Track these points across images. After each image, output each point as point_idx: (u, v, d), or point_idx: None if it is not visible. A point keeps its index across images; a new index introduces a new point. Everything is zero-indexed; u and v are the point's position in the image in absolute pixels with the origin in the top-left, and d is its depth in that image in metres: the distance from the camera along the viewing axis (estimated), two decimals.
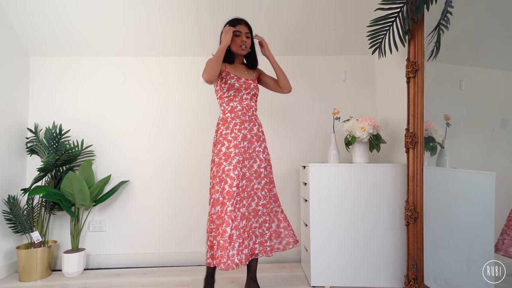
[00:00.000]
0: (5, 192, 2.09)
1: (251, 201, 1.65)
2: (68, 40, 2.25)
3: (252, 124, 1.71)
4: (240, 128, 1.66)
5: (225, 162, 1.60)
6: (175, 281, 1.96)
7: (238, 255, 1.51)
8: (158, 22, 2.19)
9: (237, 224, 1.55)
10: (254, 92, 1.74)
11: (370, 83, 2.44)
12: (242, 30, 1.69)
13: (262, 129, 1.77)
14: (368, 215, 1.82)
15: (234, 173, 1.58)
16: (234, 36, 1.69)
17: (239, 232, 1.55)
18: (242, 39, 1.69)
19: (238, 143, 1.63)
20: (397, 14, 1.70)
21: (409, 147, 1.65)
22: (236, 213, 1.56)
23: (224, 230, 1.51)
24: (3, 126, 2.09)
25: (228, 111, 1.69)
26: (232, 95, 1.70)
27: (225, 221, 1.52)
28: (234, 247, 1.51)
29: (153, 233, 2.30)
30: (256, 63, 1.82)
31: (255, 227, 1.65)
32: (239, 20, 1.72)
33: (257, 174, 1.68)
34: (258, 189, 1.67)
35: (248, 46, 1.72)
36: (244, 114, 1.69)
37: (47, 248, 2.07)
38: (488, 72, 1.30)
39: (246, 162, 1.65)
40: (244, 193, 1.62)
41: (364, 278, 1.81)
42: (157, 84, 2.39)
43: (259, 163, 1.69)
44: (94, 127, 2.34)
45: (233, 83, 1.68)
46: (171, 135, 2.37)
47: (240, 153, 1.62)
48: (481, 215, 1.26)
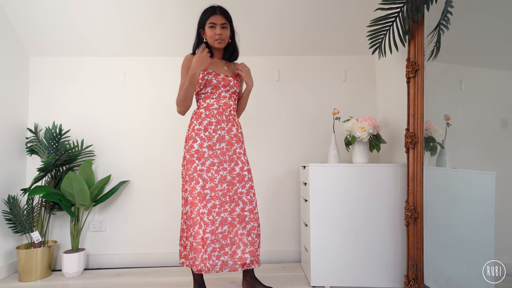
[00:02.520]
0: (5, 192, 2.09)
1: (234, 206, 1.54)
2: (68, 40, 2.25)
3: (230, 124, 1.59)
4: (216, 129, 1.55)
5: (198, 161, 1.50)
6: (175, 281, 1.96)
7: (210, 260, 1.44)
8: (157, 22, 2.19)
9: (213, 228, 1.46)
10: (234, 90, 1.61)
11: (370, 83, 2.44)
12: (217, 21, 1.52)
13: (241, 130, 1.66)
14: (368, 215, 1.82)
15: (208, 175, 1.49)
16: (208, 28, 1.55)
17: (215, 237, 1.46)
18: (217, 32, 1.53)
19: (213, 144, 1.53)
20: (397, 14, 1.70)
21: (409, 147, 1.65)
22: (214, 217, 1.48)
23: (197, 232, 1.43)
24: (3, 126, 2.09)
25: (203, 107, 1.58)
26: (209, 92, 1.57)
27: (197, 223, 1.44)
28: (207, 251, 1.43)
29: (153, 233, 2.30)
30: (235, 55, 1.67)
31: (242, 234, 1.53)
32: (214, 9, 1.54)
33: (240, 177, 1.56)
34: (242, 193, 1.56)
35: (226, 38, 1.57)
36: (221, 113, 1.57)
37: (47, 248, 2.07)
38: (488, 72, 1.30)
39: (225, 165, 1.55)
40: (226, 197, 1.52)
41: (364, 278, 1.81)
42: (157, 84, 2.39)
43: (242, 166, 1.58)
44: (94, 127, 2.34)
45: (211, 79, 1.55)
46: (171, 134, 2.36)
47: (215, 155, 1.53)
48: (481, 215, 1.26)
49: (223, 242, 1.48)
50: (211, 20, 1.54)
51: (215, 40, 1.56)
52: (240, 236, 1.52)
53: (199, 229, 1.43)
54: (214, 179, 1.51)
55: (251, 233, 1.56)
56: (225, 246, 1.49)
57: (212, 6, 1.56)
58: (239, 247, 1.51)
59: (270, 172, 2.37)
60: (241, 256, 1.51)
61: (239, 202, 1.55)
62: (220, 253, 1.47)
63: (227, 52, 1.66)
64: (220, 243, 1.47)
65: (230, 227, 1.52)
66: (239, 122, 1.68)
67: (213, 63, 1.63)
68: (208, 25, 1.55)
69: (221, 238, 1.48)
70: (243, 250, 1.52)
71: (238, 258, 1.50)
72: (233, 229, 1.52)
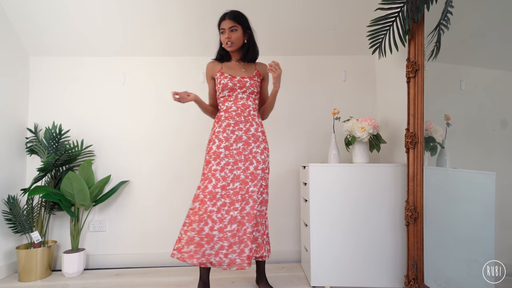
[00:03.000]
0: (5, 192, 2.09)
1: (245, 205, 1.57)
2: (68, 40, 2.25)
3: (248, 124, 1.65)
4: (234, 130, 1.62)
5: (214, 161, 1.57)
6: (175, 281, 1.96)
7: (216, 256, 1.48)
8: (158, 21, 2.19)
9: (222, 226, 1.50)
10: (251, 91, 1.66)
11: (370, 83, 2.44)
12: (225, 26, 1.61)
13: (262, 129, 1.69)
14: (368, 215, 1.82)
15: (221, 174, 1.55)
16: (220, 34, 1.66)
17: (223, 235, 1.49)
18: (226, 36, 1.62)
19: (229, 144, 1.59)
20: (397, 14, 1.70)
21: (409, 147, 1.65)
22: (223, 215, 1.51)
23: (201, 229, 1.47)
24: (3, 126, 2.09)
25: (223, 111, 1.67)
26: (227, 95, 1.65)
27: (203, 219, 1.48)
28: (214, 248, 1.47)
29: (153, 233, 2.30)
30: (250, 55, 1.69)
31: (250, 232, 1.55)
32: (223, 16, 1.64)
33: (253, 176, 1.60)
34: (253, 192, 1.59)
35: (236, 41, 1.63)
36: (239, 114, 1.64)
37: (47, 248, 2.06)
38: (488, 72, 1.30)
39: (240, 164, 1.60)
40: (238, 196, 1.56)
41: (364, 278, 1.81)
42: (157, 84, 2.38)
43: (256, 165, 1.62)
44: (94, 127, 2.34)
45: (226, 82, 1.63)
46: (171, 134, 2.36)
47: (231, 155, 1.58)
48: (481, 215, 1.26)
49: (231, 241, 1.51)
50: (221, 26, 1.64)
51: (226, 44, 1.64)
52: (248, 235, 1.54)
53: (204, 225, 1.47)
54: (227, 178, 1.56)
55: (260, 231, 1.62)
56: (233, 244, 1.51)
57: (224, 12, 1.65)
58: (247, 246, 1.52)
59: (270, 172, 2.36)
60: (249, 255, 1.53)
61: (250, 200, 1.58)
62: (228, 251, 1.49)
63: (244, 54, 1.70)
64: (228, 241, 1.50)
65: (240, 225, 1.54)
66: (260, 121, 1.71)
67: (230, 66, 1.69)
68: (219, 31, 1.66)
69: (230, 237, 1.51)
70: (250, 249, 1.53)
71: (246, 256, 1.51)
72: (242, 228, 1.54)
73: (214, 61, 1.74)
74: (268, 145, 1.74)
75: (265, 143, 1.69)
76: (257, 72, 1.72)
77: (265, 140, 1.70)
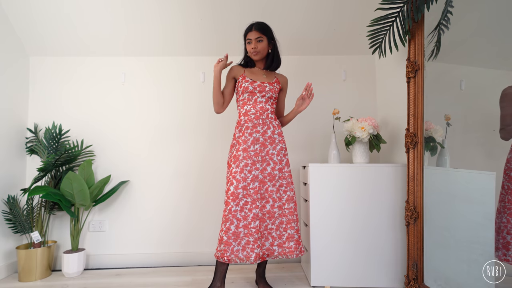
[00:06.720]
0: (5, 192, 2.09)
1: (265, 203, 1.68)
2: (68, 40, 2.25)
3: (266, 127, 1.73)
4: (252, 132, 1.70)
5: (234, 164, 1.66)
6: (175, 281, 1.96)
7: (244, 251, 1.59)
8: (158, 21, 2.19)
9: (246, 223, 1.62)
10: (270, 95, 1.75)
11: (370, 83, 2.44)
12: (252, 36, 1.73)
13: (279, 130, 1.76)
14: (368, 215, 1.82)
15: (241, 175, 1.63)
16: (247, 43, 1.76)
17: (248, 231, 1.61)
18: (252, 46, 1.73)
19: (247, 146, 1.67)
20: (397, 14, 1.70)
21: (409, 147, 1.65)
22: (246, 213, 1.63)
23: (228, 228, 1.58)
24: (3, 126, 2.09)
25: (242, 114, 1.75)
26: (246, 98, 1.75)
27: (229, 219, 1.59)
28: (240, 244, 1.59)
29: (153, 233, 2.30)
30: (274, 64, 1.81)
31: (271, 229, 1.68)
32: (250, 27, 1.75)
33: (271, 176, 1.70)
34: (272, 191, 1.69)
35: (262, 50, 1.74)
36: (258, 117, 1.72)
37: (47, 248, 2.06)
38: (488, 72, 1.30)
39: (258, 165, 1.68)
40: (257, 195, 1.66)
41: (364, 278, 1.81)
42: (157, 84, 2.39)
43: (273, 166, 1.71)
44: (94, 127, 2.33)
45: (247, 86, 1.72)
46: (171, 134, 2.36)
47: (249, 156, 1.66)
48: (481, 215, 1.26)
49: (256, 236, 1.62)
50: (248, 36, 1.75)
51: (252, 54, 1.75)
52: (269, 231, 1.68)
53: (230, 225, 1.59)
54: (247, 179, 1.65)
55: (280, 228, 1.70)
56: (258, 239, 1.62)
57: (251, 24, 1.75)
58: (268, 240, 1.68)
59: None
60: (269, 248, 1.68)
61: (269, 199, 1.69)
62: (254, 245, 1.60)
63: (267, 63, 1.81)
64: (253, 236, 1.61)
65: (261, 222, 1.67)
66: (277, 124, 1.78)
67: (253, 72, 1.79)
68: (246, 41, 1.77)
69: (254, 232, 1.62)
70: (271, 243, 1.68)
71: (266, 249, 1.68)
72: (263, 224, 1.68)
73: (239, 65, 1.84)
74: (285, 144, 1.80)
75: (281, 143, 1.76)
76: (276, 79, 1.81)
77: (282, 141, 1.77)
